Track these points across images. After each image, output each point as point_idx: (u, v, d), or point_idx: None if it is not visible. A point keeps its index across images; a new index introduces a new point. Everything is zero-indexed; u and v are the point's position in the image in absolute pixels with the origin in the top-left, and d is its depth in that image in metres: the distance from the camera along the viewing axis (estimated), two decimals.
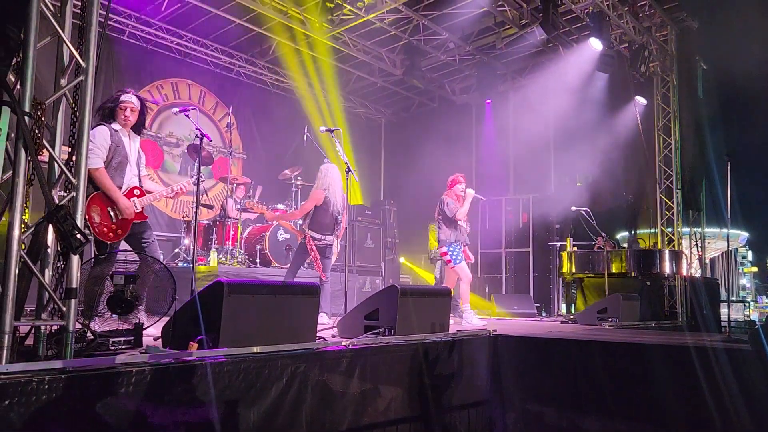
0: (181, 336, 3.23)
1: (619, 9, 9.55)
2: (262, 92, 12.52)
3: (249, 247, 8.59)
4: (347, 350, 3.69)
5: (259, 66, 11.88)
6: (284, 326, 3.56)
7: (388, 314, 4.31)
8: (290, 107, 12.79)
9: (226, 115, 10.05)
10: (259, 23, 10.13)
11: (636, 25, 9.93)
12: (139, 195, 4.40)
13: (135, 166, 4.48)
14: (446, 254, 6.95)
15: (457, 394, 4.55)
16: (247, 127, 12.21)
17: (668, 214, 10.43)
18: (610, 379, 4.53)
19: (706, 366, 4.09)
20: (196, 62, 11.29)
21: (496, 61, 11.50)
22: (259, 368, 3.13)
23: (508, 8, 9.68)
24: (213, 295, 3.23)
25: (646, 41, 10.07)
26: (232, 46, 11.23)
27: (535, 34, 10.21)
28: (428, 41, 10.84)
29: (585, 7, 9.21)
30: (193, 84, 11.44)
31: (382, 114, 14.77)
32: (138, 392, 2.63)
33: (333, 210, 6.23)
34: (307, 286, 3.91)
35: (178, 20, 10.22)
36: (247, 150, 12.17)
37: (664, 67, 10.71)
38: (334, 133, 5.95)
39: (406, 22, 10.28)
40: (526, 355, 4.93)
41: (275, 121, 12.39)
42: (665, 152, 10.57)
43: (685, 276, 9.84)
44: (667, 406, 4.23)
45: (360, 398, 3.70)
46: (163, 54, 10.80)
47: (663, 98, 10.74)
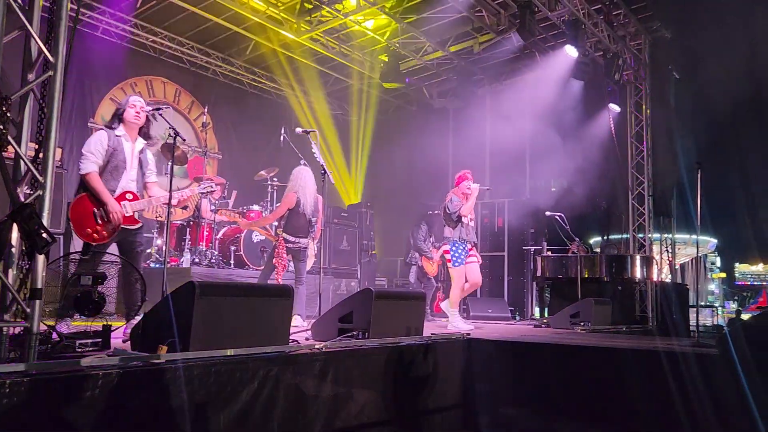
0: (150, 338, 3.17)
1: (594, 17, 9.68)
2: (238, 92, 12.42)
3: (223, 248, 8.49)
4: (320, 353, 3.67)
5: (236, 65, 11.78)
6: (257, 329, 3.51)
7: (362, 317, 4.29)
8: (267, 107, 12.71)
9: (202, 114, 9.91)
10: (236, 22, 10.05)
11: (611, 33, 10.07)
12: (131, 199, 4.36)
13: (134, 172, 4.46)
14: (448, 253, 6.60)
15: (430, 398, 4.55)
16: (223, 126, 12.09)
17: (640, 220, 10.59)
18: (582, 383, 4.58)
19: (675, 370, 4.15)
20: (172, 60, 11.16)
21: (473, 66, 11.57)
22: (230, 371, 3.08)
23: (486, 14, 9.75)
24: (184, 296, 3.18)
25: (620, 50, 10.22)
26: (209, 44, 11.12)
27: (513, 40, 10.27)
28: (406, 44, 10.86)
29: (561, 14, 9.31)
30: (168, 82, 11.30)
31: (360, 117, 14.74)
32: (104, 396, 2.57)
33: (307, 212, 6.20)
34: (281, 288, 3.88)
35: (153, 17, 10.09)
36: (223, 150, 12.05)
37: (638, 75, 10.88)
38: (310, 134, 5.91)
39: (384, 24, 10.29)
40: (499, 358, 4.94)
41: (252, 122, 12.30)
42: (637, 159, 10.73)
43: (656, 281, 9.99)
44: (637, 409, 4.28)
45: (333, 402, 3.67)
46: (138, 51, 10.65)
47: (636, 106, 10.91)
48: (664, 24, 10.54)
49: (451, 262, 6.55)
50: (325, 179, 5.87)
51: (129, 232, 4.35)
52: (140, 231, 4.47)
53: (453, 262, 6.52)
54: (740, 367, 3.91)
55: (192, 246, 8.27)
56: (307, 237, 6.28)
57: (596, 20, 9.72)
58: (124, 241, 4.35)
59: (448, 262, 6.63)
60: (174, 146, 4.44)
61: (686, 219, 11.48)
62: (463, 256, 6.53)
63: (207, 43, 11.07)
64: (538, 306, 10.54)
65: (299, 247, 6.24)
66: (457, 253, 6.51)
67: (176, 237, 8.55)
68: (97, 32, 9.93)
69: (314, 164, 6.17)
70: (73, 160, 8.70)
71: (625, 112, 10.95)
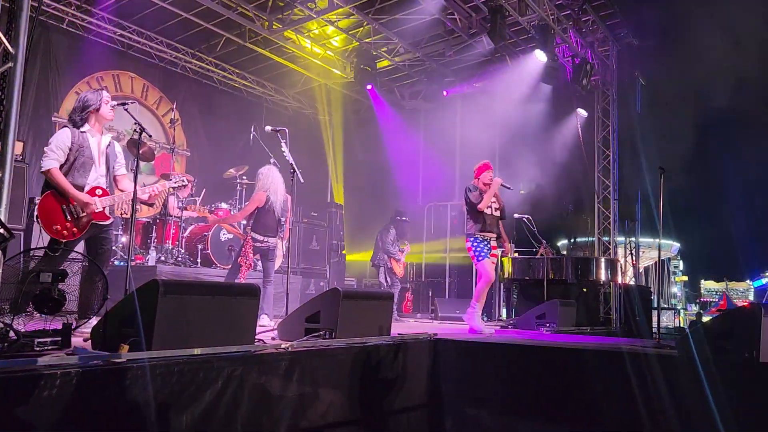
0: (112, 337, 3.11)
1: (563, 23, 9.83)
2: (208, 89, 12.27)
3: (190, 246, 8.38)
4: (286, 353, 3.64)
5: (206, 62, 11.63)
6: (222, 328, 3.47)
7: (329, 317, 4.27)
8: (238, 105, 12.59)
9: (170, 110, 9.78)
10: (207, 18, 9.93)
11: (579, 39, 10.24)
12: (101, 195, 4.32)
13: (103, 167, 4.42)
14: (470, 249, 6.33)
15: (397, 398, 4.56)
16: (192, 123, 11.93)
17: (605, 223, 10.78)
18: (547, 383, 4.63)
19: (637, 370, 4.23)
20: (140, 55, 10.97)
21: (445, 68, 11.64)
22: (194, 371, 3.04)
23: (458, 17, 9.81)
24: (147, 294, 3.12)
25: (588, 55, 10.40)
26: (179, 40, 10.96)
27: (484, 44, 10.39)
28: (379, 45, 10.88)
29: (531, 19, 9.43)
30: (136, 77, 11.11)
31: (332, 116, 14.69)
32: (63, 396, 2.51)
33: (276, 211, 6.17)
34: (247, 287, 3.84)
35: (121, 11, 9.89)
36: (192, 147, 11.89)
37: (605, 81, 11.08)
38: (280, 132, 5.87)
39: (356, 24, 10.28)
40: (465, 359, 4.97)
41: (222, 119, 12.17)
42: (604, 164, 10.92)
43: (620, 283, 10.18)
44: (600, 408, 4.35)
45: (298, 402, 3.65)
46: (105, 45, 10.44)
47: (603, 111, 11.10)
48: (631, 31, 10.76)
49: (474, 258, 6.31)
50: (294, 178, 5.83)
51: (99, 229, 4.31)
52: (110, 228, 4.43)
53: (476, 257, 6.27)
54: (701, 367, 4.01)
55: (158, 244, 8.15)
56: (276, 236, 6.25)
57: (565, 26, 9.87)
58: (93, 238, 4.31)
59: (471, 258, 6.38)
60: (140, 142, 4.36)
61: (651, 223, 11.74)
62: (485, 251, 6.26)
63: (176, 39, 10.90)
64: (505, 307, 10.65)
65: (267, 247, 6.19)
66: (478, 248, 6.25)
67: (142, 234, 8.42)
68: (63, 24, 9.72)
69: (284, 163, 6.13)
70: (37, 154, 8.49)
71: (593, 117, 11.14)
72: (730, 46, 9.57)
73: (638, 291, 10.51)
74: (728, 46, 9.48)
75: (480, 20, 9.74)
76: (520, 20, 9.41)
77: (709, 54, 9.67)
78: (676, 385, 4.07)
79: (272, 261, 6.30)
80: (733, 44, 9.57)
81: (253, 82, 12.54)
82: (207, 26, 10.16)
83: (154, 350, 2.99)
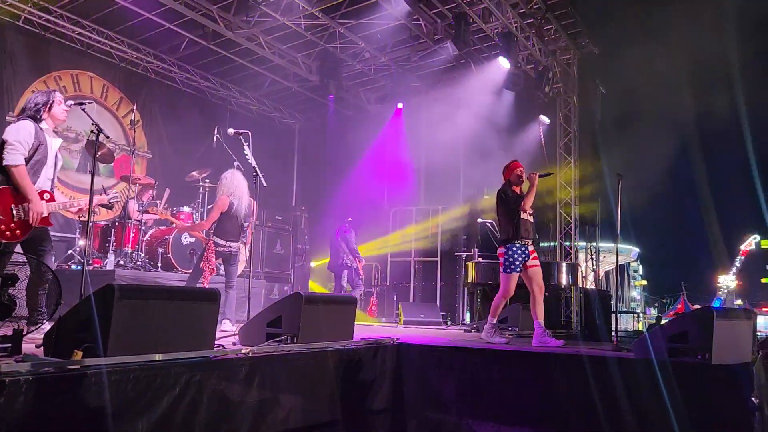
0: (65, 343, 3.02)
1: (526, 31, 9.98)
2: (171, 90, 12.08)
3: (151, 250, 8.22)
4: (246, 358, 3.60)
5: (168, 63, 11.45)
6: (181, 333, 3.41)
7: (291, 322, 4.23)
8: (201, 107, 12.43)
9: (131, 111, 9.59)
10: (169, 18, 9.77)
11: (542, 47, 10.42)
12: (48, 200, 4.16)
13: (51, 170, 4.27)
14: (503, 257, 5.74)
15: (359, 403, 4.55)
16: (154, 125, 11.73)
17: (567, 228, 10.97)
18: (508, 386, 4.68)
19: (596, 373, 4.31)
20: (100, 54, 10.74)
21: (410, 73, 11.70)
22: (150, 377, 2.98)
23: (423, 22, 9.87)
24: (103, 299, 3.04)
25: (550, 63, 10.59)
26: (140, 40, 10.76)
27: (449, 50, 10.48)
28: (344, 49, 10.87)
29: (495, 27, 9.57)
30: (96, 77, 10.87)
31: (297, 119, 14.64)
32: (12, 405, 2.42)
33: (239, 216, 6.11)
34: (207, 291, 3.78)
35: (80, 9, 9.67)
36: (153, 149, 11.68)
37: (567, 89, 11.29)
38: (243, 135, 5.81)
39: (322, 28, 10.26)
40: (428, 363, 4.99)
41: (184, 121, 11.99)
42: (565, 170, 11.12)
43: (581, 288, 10.37)
44: (561, 411, 4.41)
45: (258, 407, 3.60)
46: (63, 43, 10.19)
47: (565, 118, 11.31)
48: (592, 40, 11.00)
49: (503, 266, 5.74)
50: (257, 182, 5.78)
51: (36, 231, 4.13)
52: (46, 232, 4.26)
53: (506, 267, 5.70)
54: (657, 370, 4.11)
55: (117, 248, 7.98)
56: (239, 241, 6.18)
57: (528, 34, 10.03)
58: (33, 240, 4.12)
59: (500, 266, 5.80)
60: (97, 143, 4.26)
61: (611, 228, 12.00)
62: (519, 261, 5.68)
63: (138, 39, 10.70)
64: (468, 311, 10.73)
65: (230, 251, 6.12)
66: (512, 258, 5.66)
67: (100, 238, 8.23)
68: (19, 21, 9.45)
69: (247, 166, 6.07)
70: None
71: (555, 123, 11.34)
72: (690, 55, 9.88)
73: (598, 295, 10.73)
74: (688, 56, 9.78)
75: (445, 26, 9.82)
76: (483, 27, 9.54)
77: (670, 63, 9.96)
78: (633, 388, 4.16)
79: (235, 266, 6.23)
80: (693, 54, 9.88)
81: (216, 84, 12.40)
82: (170, 27, 10.00)
83: (110, 356, 2.92)
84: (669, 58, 9.95)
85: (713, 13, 10.33)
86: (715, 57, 9.51)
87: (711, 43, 9.25)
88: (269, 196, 13.37)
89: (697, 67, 9.80)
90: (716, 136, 13.76)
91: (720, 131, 14.08)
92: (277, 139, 14.06)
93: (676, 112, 11.23)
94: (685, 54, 9.70)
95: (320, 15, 9.55)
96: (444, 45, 10.37)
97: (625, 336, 13.54)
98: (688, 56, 9.74)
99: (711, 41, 9.35)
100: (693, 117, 12.05)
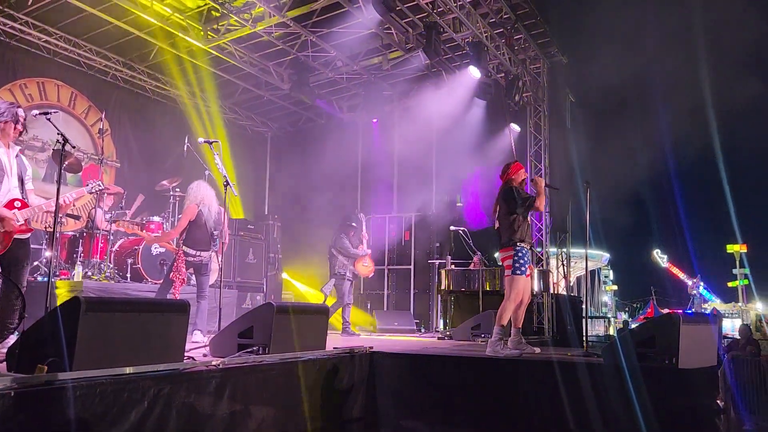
0: (29, 358, 2.95)
1: (496, 41, 10.11)
2: (140, 98, 11.92)
3: (119, 261, 8.09)
4: (217, 370, 3.56)
5: (137, 71, 11.31)
6: (149, 346, 3.36)
7: (262, 332, 4.20)
8: (171, 116, 12.28)
9: (99, 120, 9.44)
10: (138, 26, 9.66)
11: (512, 56, 10.56)
12: (20, 207, 4.10)
13: (15, 178, 4.20)
14: (510, 258, 5.41)
15: (332, 412, 4.52)
16: (123, 134, 11.55)
17: (538, 235, 11.10)
18: (481, 393, 4.71)
19: (567, 379, 4.36)
20: (67, 62, 10.55)
21: (382, 82, 11.74)
22: (118, 391, 2.93)
23: (395, 32, 9.93)
24: (69, 312, 2.99)
25: (520, 72, 10.73)
26: (109, 48, 10.60)
27: (420, 58, 10.55)
28: (316, 58, 10.87)
29: (465, 36, 9.67)
30: (63, 85, 10.67)
31: (269, 128, 14.56)
32: None
33: (209, 225, 6.05)
34: (176, 302, 3.74)
35: (47, 16, 9.48)
36: (122, 158, 11.49)
37: (537, 97, 11.45)
38: (213, 145, 5.77)
39: (294, 37, 10.24)
40: (401, 371, 5.00)
41: (154, 130, 11.84)
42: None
43: (552, 293, 10.47)
44: (533, 417, 4.45)
45: (229, 420, 3.56)
46: (29, 51, 9.99)
47: (535, 126, 11.47)
48: (560, 50, 11.19)
49: (511, 269, 5.40)
50: (228, 191, 5.73)
51: (19, 244, 4.08)
52: (28, 242, 4.21)
53: (514, 269, 5.38)
54: (626, 374, 4.17)
55: (85, 258, 7.82)
56: (209, 250, 6.12)
57: (498, 43, 10.16)
58: (10, 254, 4.06)
59: (507, 268, 5.46)
60: (63, 153, 4.18)
61: (582, 234, 12.16)
62: (526, 264, 5.44)
63: (107, 47, 10.55)
64: (442, 318, 10.77)
65: (200, 261, 6.06)
66: (522, 260, 5.40)
67: (67, 249, 8.07)
68: None
69: (218, 175, 6.02)
70: None
71: (525, 131, 11.48)
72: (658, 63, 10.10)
73: (569, 301, 10.84)
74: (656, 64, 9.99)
75: (416, 36, 9.89)
76: (454, 36, 9.63)
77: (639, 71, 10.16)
78: (602, 392, 4.22)
79: (206, 275, 6.16)
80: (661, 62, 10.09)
81: (187, 93, 12.28)
82: (139, 35, 9.89)
83: (75, 371, 2.86)
84: (637, 67, 10.18)
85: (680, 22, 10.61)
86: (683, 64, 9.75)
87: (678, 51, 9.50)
88: (241, 204, 13.32)
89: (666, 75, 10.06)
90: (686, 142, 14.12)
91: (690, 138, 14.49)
92: (249, 147, 13.97)
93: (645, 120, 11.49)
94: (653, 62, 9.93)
95: (292, 24, 9.54)
96: (416, 54, 10.44)
97: (596, 341, 13.72)
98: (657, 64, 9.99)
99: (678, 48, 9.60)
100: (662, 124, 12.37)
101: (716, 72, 20.36)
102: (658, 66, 10.17)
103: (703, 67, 13.97)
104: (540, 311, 10.29)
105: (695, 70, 13.99)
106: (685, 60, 9.48)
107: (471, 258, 9.94)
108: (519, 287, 5.37)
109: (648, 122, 13.28)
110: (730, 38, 14.05)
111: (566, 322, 10.35)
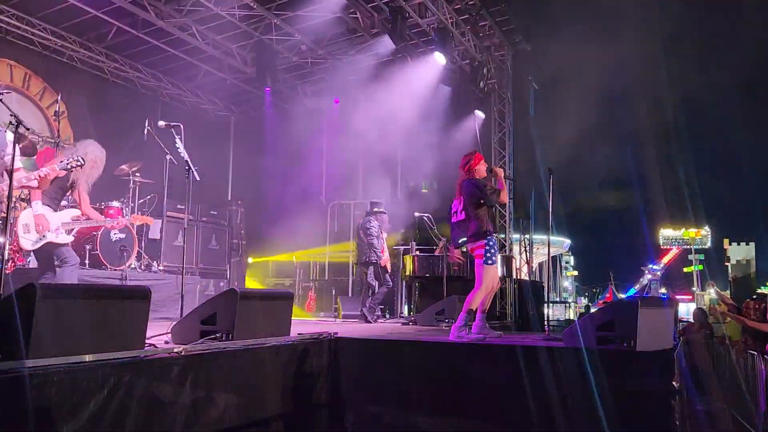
0: None
1: (461, 27, 10.13)
2: (98, 80, 11.58)
3: (78, 247, 7.86)
4: (179, 357, 3.51)
5: (95, 51, 10.97)
6: (109, 333, 3.28)
7: (226, 318, 4.14)
8: (131, 98, 11.97)
9: (55, 102, 9.15)
10: (96, 5, 9.35)
11: (477, 43, 10.59)
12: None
13: None
14: (482, 248, 5.52)
15: (297, 399, 4.51)
16: (80, 116, 11.21)
17: (501, 221, 11.22)
18: (444, 378, 4.76)
19: (528, 363, 4.44)
20: (20, 41, 10.17)
21: (347, 67, 11.65)
22: (76, 380, 2.86)
23: (360, 16, 9.86)
24: (23, 299, 2.89)
25: (485, 59, 10.78)
26: (65, 27, 10.25)
27: (386, 44, 10.50)
28: (280, 41, 10.72)
29: (431, 22, 9.65)
30: (16, 65, 10.29)
31: (232, 112, 14.33)
32: None
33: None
34: (136, 289, 3.66)
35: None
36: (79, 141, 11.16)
37: (501, 84, 11.53)
38: (175, 128, 5.64)
39: (257, 19, 10.08)
40: (365, 357, 5.01)
41: (113, 112, 11.52)
42: (500, 164, 11.36)
43: (515, 279, 10.64)
44: (495, 401, 4.52)
45: (192, 407, 3.52)
46: None
47: (499, 114, 11.55)
48: (524, 38, 11.27)
49: (483, 258, 5.53)
50: (190, 175, 5.62)
51: None
52: None
53: (486, 259, 5.51)
54: (585, 357, 4.27)
55: None
56: None
57: (463, 30, 10.18)
58: None
59: (478, 258, 5.57)
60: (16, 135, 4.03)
61: (544, 221, 12.38)
62: (496, 254, 5.67)
63: (62, 26, 10.19)
64: (407, 304, 10.83)
65: None
66: (493, 250, 5.56)
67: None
68: None
69: (180, 159, 5.89)
70: None
71: (489, 118, 11.56)
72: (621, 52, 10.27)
73: (531, 286, 11.03)
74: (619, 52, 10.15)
75: (382, 20, 9.83)
76: (420, 22, 9.61)
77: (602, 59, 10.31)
78: (562, 376, 4.30)
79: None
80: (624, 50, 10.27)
81: (147, 75, 11.98)
82: (96, 14, 9.58)
83: (31, 359, 2.79)
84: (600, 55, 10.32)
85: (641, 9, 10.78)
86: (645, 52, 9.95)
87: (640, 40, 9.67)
88: (204, 190, 13.10)
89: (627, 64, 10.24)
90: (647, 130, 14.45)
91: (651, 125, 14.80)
92: (212, 131, 13.72)
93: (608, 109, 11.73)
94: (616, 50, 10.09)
95: (255, 6, 9.38)
96: (381, 39, 10.39)
97: (557, 325, 14.02)
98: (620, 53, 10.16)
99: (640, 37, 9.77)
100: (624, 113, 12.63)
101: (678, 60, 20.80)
102: (621, 55, 10.38)
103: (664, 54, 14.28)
104: (503, 296, 10.44)
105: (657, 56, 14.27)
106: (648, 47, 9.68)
107: (436, 244, 10.00)
108: (491, 276, 5.55)
109: (611, 111, 13.55)
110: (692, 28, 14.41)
111: (528, 307, 10.53)
